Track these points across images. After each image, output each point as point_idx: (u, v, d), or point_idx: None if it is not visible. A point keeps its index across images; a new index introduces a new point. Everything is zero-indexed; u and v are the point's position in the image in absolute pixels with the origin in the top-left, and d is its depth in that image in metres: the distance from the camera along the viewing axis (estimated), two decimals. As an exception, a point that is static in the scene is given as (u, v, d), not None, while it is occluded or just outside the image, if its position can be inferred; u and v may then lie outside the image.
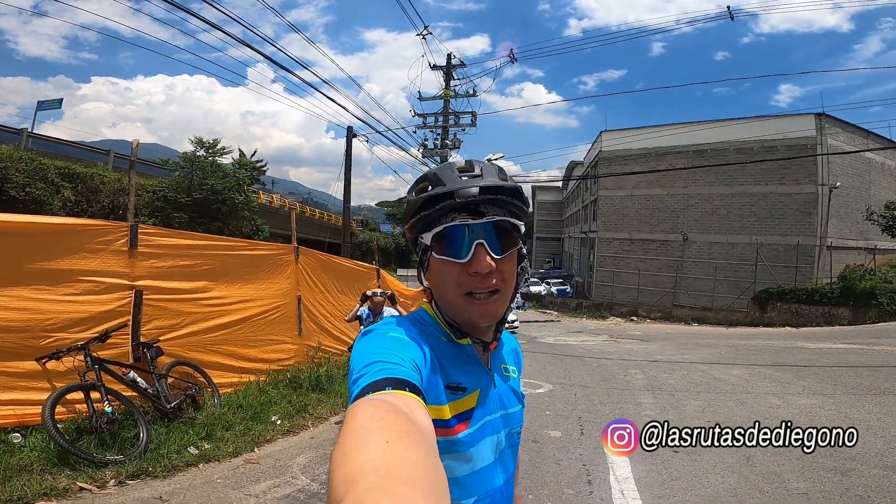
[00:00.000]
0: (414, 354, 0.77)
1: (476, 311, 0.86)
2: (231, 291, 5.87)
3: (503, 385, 0.97)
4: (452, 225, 0.85)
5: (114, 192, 14.15)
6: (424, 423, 0.60)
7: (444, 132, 19.99)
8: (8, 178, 11.39)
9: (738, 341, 17.71)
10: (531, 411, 7.01)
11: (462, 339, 0.90)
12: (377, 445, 0.50)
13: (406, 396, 0.64)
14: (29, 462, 3.51)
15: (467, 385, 0.86)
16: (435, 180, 0.87)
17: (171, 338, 5.04)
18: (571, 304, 30.69)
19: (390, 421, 0.54)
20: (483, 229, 0.85)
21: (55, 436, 3.57)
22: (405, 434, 0.53)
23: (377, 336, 0.80)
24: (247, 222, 19.66)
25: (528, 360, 12.65)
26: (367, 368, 0.70)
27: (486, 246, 0.84)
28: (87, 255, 4.31)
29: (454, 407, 0.83)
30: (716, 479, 4.42)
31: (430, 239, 0.87)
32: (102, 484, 3.55)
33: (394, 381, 0.67)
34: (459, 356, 0.90)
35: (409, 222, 0.91)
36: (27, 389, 4.01)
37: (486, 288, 0.85)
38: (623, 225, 30.32)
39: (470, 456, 0.84)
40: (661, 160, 27.97)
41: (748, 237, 25.28)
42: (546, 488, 4.18)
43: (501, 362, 1.01)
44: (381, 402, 0.59)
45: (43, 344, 4.07)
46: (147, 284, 4.78)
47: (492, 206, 0.87)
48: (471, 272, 0.84)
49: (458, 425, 0.83)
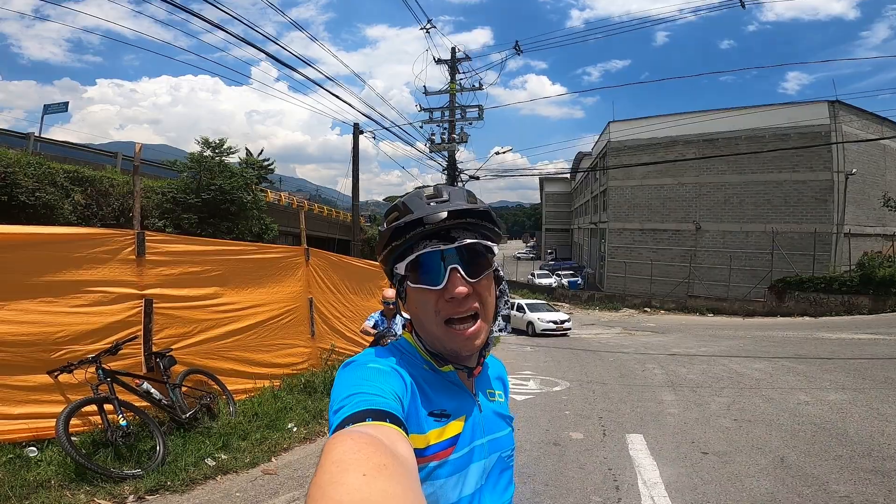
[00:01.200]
0: (395, 385, 0.77)
1: (458, 342, 0.85)
2: (242, 296, 5.75)
3: (489, 409, 0.96)
4: (425, 252, 0.84)
5: (123, 195, 14.12)
6: (405, 455, 0.60)
7: (451, 126, 19.75)
8: (17, 183, 11.35)
9: (757, 332, 17.42)
10: (550, 411, 6.86)
11: (444, 366, 0.90)
12: (354, 479, 0.49)
13: (387, 428, 0.64)
14: (46, 477, 3.43)
15: (451, 411, 0.86)
16: (404, 209, 0.87)
17: (183, 346, 4.94)
18: (583, 296, 30.46)
19: (368, 453, 0.53)
20: (455, 254, 0.85)
21: (70, 451, 3.49)
22: (383, 467, 0.52)
23: (358, 367, 0.80)
24: (256, 221, 19.60)
25: (542, 356, 12.56)
26: (347, 400, 0.70)
27: (461, 270, 0.84)
28: (95, 265, 4.20)
29: (438, 433, 0.82)
30: (750, 483, 4.25)
31: (405, 268, 0.87)
32: (121, 500, 3.47)
33: (374, 413, 0.66)
34: (442, 383, 0.89)
35: (381, 254, 0.91)
36: (40, 403, 3.94)
37: (465, 312, 0.85)
38: (633, 215, 29.98)
39: (457, 482, 0.83)
40: (671, 150, 27.59)
41: (763, 225, 24.88)
42: (572, 496, 4.03)
43: (487, 387, 1.00)
44: (359, 435, 0.58)
45: (54, 357, 3.99)
46: (157, 293, 4.68)
47: (462, 231, 0.86)
48: (447, 298, 0.84)
49: (442, 451, 0.82)
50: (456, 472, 0.83)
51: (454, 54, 20.08)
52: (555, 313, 18.91)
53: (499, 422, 0.97)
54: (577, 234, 52.66)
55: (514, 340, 16.23)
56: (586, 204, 43.67)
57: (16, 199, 11.59)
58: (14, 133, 16.72)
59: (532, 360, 11.72)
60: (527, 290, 35.40)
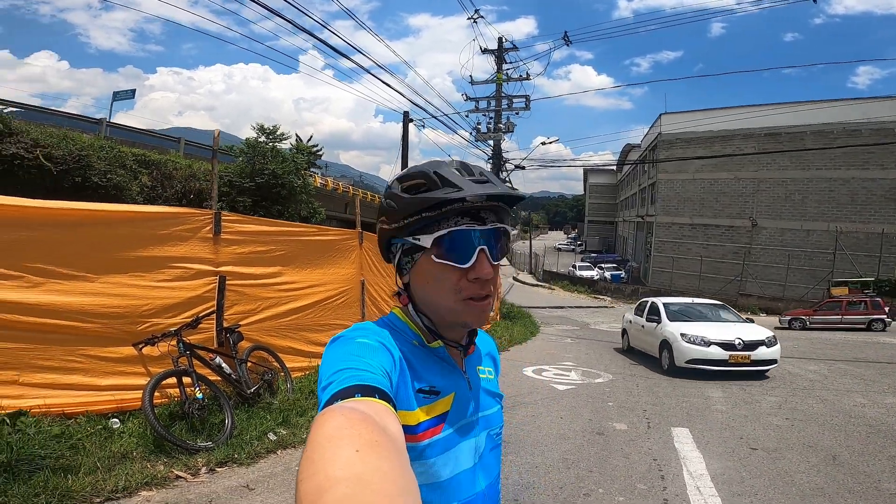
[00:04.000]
0: (383, 360, 0.75)
1: (472, 315, 0.85)
2: (301, 276, 6.05)
3: (479, 386, 0.96)
4: (458, 230, 0.83)
5: (185, 178, 14.88)
6: (395, 432, 0.59)
7: (497, 116, 19.68)
8: (90, 165, 12.09)
9: (813, 334, 16.68)
10: (593, 402, 6.91)
11: (433, 342, 0.89)
12: (347, 454, 0.48)
13: (376, 404, 0.63)
14: (129, 448, 3.61)
15: (441, 388, 0.85)
16: (437, 180, 0.84)
17: (248, 322, 5.20)
18: (626, 289, 29.84)
19: (360, 430, 0.53)
20: (485, 235, 0.85)
21: (153, 423, 3.67)
22: (375, 443, 0.51)
23: (346, 342, 0.78)
24: (304, 205, 20.26)
25: (583, 347, 12.51)
26: (336, 375, 0.69)
27: (488, 252, 0.85)
28: (178, 242, 4.48)
29: (428, 410, 0.82)
30: (800, 478, 4.22)
31: (431, 242, 0.84)
32: (195, 471, 3.63)
33: (363, 388, 0.65)
34: (432, 359, 0.88)
35: (402, 221, 0.86)
36: (125, 375, 4.16)
37: (485, 293, 0.85)
38: (684, 209, 29.04)
39: (447, 460, 0.82)
40: (728, 143, 26.48)
41: (825, 224, 23.63)
42: (616, 483, 4.11)
43: (477, 363, 1.00)
44: (350, 411, 0.58)
45: (139, 329, 4.23)
46: (229, 270, 4.94)
47: (490, 213, 0.88)
48: (471, 278, 0.83)
49: (432, 429, 0.81)
50: (446, 449, 0.82)
51: (501, 44, 19.91)
52: (734, 327, 9.37)
53: (488, 399, 0.97)
54: (621, 227, 51.43)
55: (554, 331, 16.19)
56: (633, 196, 42.54)
57: (89, 181, 12.39)
58: (87, 118, 17.83)
59: (573, 352, 11.70)
60: (567, 282, 35.02)
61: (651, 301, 11.18)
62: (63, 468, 3.03)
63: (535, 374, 8.73)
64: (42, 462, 2.97)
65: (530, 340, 13.40)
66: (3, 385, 3.42)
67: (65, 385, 3.75)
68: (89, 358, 3.92)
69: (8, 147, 10.46)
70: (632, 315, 11.94)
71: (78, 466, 3.12)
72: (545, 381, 8.19)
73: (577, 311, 23.82)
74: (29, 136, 11.01)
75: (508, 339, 12.33)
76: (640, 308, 11.48)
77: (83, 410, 3.80)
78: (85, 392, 3.87)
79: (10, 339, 3.51)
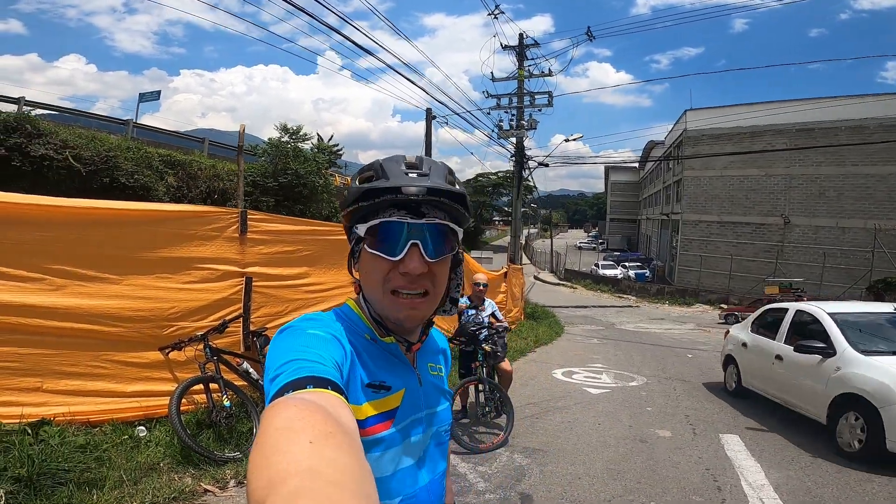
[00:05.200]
0: (334, 352, 0.75)
1: (401, 311, 0.84)
2: (327, 277, 5.87)
3: (430, 384, 0.95)
4: (390, 221, 0.83)
5: (209, 178, 14.98)
6: (349, 423, 0.58)
7: (520, 113, 19.36)
8: (118, 166, 12.23)
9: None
10: (630, 406, 6.61)
11: (386, 337, 0.88)
12: (300, 446, 0.47)
13: (328, 395, 0.62)
14: (156, 460, 3.45)
15: (391, 384, 0.84)
16: (380, 172, 0.84)
17: (275, 325, 5.01)
18: (651, 289, 29.18)
19: (313, 421, 0.52)
20: (421, 230, 0.83)
21: (180, 432, 3.51)
22: (329, 434, 0.50)
23: (296, 332, 0.77)
24: (325, 205, 20.29)
25: (611, 349, 12.14)
26: (286, 367, 0.67)
27: (421, 247, 0.83)
28: (203, 242, 4.31)
29: (376, 406, 0.81)
30: (872, 488, 3.91)
31: (365, 231, 0.85)
32: (224, 484, 3.47)
33: (314, 380, 0.64)
34: (383, 355, 0.87)
35: (346, 210, 0.88)
36: (151, 380, 4.01)
37: (414, 289, 0.83)
38: (711, 207, 28.32)
39: (393, 456, 0.81)
40: (758, 140, 25.72)
41: (862, 221, 22.76)
42: (669, 495, 3.86)
43: (429, 360, 0.99)
44: (301, 402, 0.56)
45: (165, 333, 4.07)
46: (255, 271, 4.76)
47: (433, 208, 0.85)
48: (401, 271, 0.83)
49: (379, 424, 0.80)
50: (394, 445, 0.82)
51: (522, 40, 19.60)
52: None
53: (438, 396, 0.96)
54: (644, 225, 50.53)
55: (579, 331, 15.84)
56: (657, 194, 41.72)
57: (117, 182, 12.52)
58: (115, 120, 18.11)
59: (601, 353, 11.36)
60: (589, 281, 34.46)
61: (799, 309, 6.25)
62: (88, 482, 2.87)
63: (565, 376, 8.45)
64: (66, 476, 2.81)
65: (556, 341, 13.10)
66: (26, 393, 3.29)
67: (90, 392, 3.61)
68: (115, 363, 3.78)
69: (37, 148, 10.57)
70: (747, 333, 7.18)
71: (103, 480, 2.95)
72: (577, 384, 7.90)
73: (602, 311, 23.35)
74: (58, 138, 11.14)
75: (534, 340, 12.05)
76: (770, 322, 6.75)
77: (108, 419, 3.65)
78: (110, 399, 3.72)
79: (33, 344, 3.38)
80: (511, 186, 21.82)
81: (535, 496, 3.77)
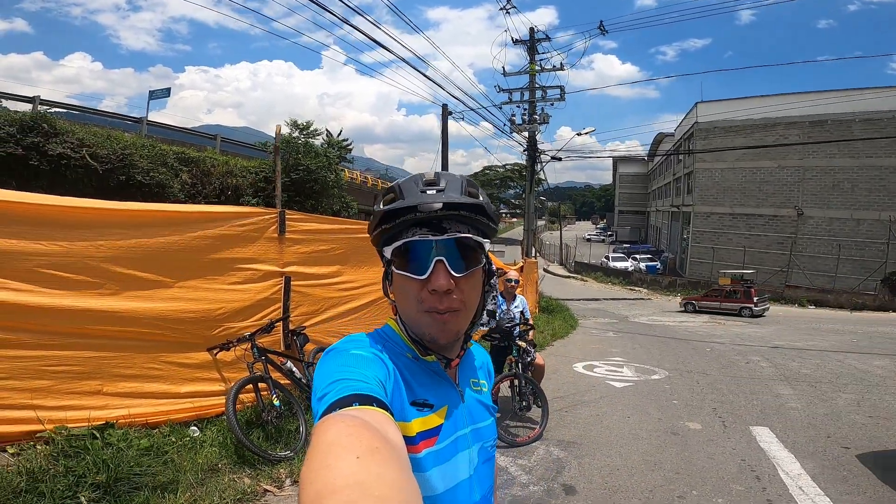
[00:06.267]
0: (378, 372, 0.76)
1: (435, 328, 0.84)
2: (359, 275, 5.94)
3: (473, 400, 0.96)
4: (413, 240, 0.83)
5: (222, 175, 15.05)
6: (395, 439, 0.59)
7: (532, 107, 19.29)
8: (133, 164, 12.28)
9: (868, 328, 15.94)
10: (656, 400, 6.66)
11: (427, 355, 0.89)
12: (348, 461, 0.48)
13: (374, 412, 0.63)
14: (214, 460, 3.46)
15: (434, 402, 0.85)
16: (399, 193, 0.85)
17: (312, 324, 5.09)
18: (663, 281, 29.14)
19: (360, 436, 0.53)
20: (445, 246, 0.83)
21: (237, 432, 3.52)
22: (376, 450, 0.51)
23: (340, 354, 0.79)
24: (337, 199, 20.38)
25: (628, 342, 12.18)
26: (332, 386, 0.69)
27: (447, 263, 0.83)
28: (247, 243, 4.36)
29: (421, 423, 0.82)
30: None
31: (391, 253, 0.86)
32: (280, 484, 3.48)
33: (360, 398, 0.65)
34: (426, 372, 0.88)
35: (372, 234, 0.89)
36: (202, 381, 4.05)
37: (445, 308, 0.83)
38: (723, 199, 28.19)
39: (442, 473, 0.82)
40: (770, 132, 25.54)
41: (877, 213, 22.60)
42: (709, 484, 3.93)
43: (471, 376, 1.00)
44: (349, 418, 0.58)
45: (212, 334, 4.12)
46: (293, 270, 4.81)
47: (455, 222, 0.85)
48: (429, 290, 0.82)
49: (424, 441, 0.81)
50: (440, 462, 0.82)
51: (533, 34, 19.48)
52: None
53: (482, 411, 0.96)
54: (653, 217, 50.29)
55: (593, 324, 15.89)
56: (667, 186, 41.50)
57: (133, 179, 12.61)
58: (129, 118, 18.20)
59: (619, 346, 11.40)
60: (600, 273, 34.42)
61: None
62: (160, 486, 2.92)
63: (586, 370, 8.51)
64: (140, 480, 2.86)
65: (572, 335, 13.15)
66: (88, 396, 3.35)
67: (146, 394, 3.67)
68: (168, 364, 3.83)
69: (55, 147, 10.65)
70: None
71: (175, 483, 2.99)
72: (599, 377, 7.96)
73: (614, 304, 23.37)
74: (74, 136, 11.20)
75: (551, 334, 12.11)
76: None
77: (165, 420, 3.71)
78: (166, 400, 3.78)
79: (93, 347, 3.44)
80: (519, 179, 21.78)
81: (578, 487, 3.85)
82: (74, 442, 2.96)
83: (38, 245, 3.24)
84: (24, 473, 2.63)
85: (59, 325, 3.30)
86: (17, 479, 2.59)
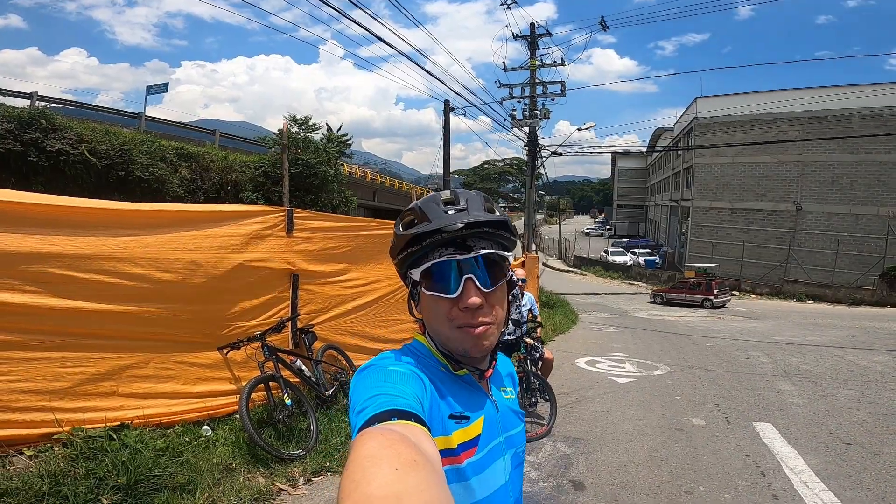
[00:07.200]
0: (415, 387, 0.78)
1: (468, 343, 0.86)
2: (365, 272, 5.96)
3: (505, 408, 0.98)
4: (440, 261, 0.85)
5: (221, 170, 14.98)
6: (431, 452, 0.60)
7: (532, 102, 19.24)
8: (133, 159, 12.21)
9: (866, 323, 16.05)
10: (660, 396, 6.72)
11: (459, 370, 0.91)
12: (386, 473, 0.50)
13: (412, 426, 0.65)
14: (228, 460, 3.47)
15: (470, 413, 0.87)
16: (420, 215, 0.87)
17: (319, 322, 5.11)
18: (662, 276, 29.25)
19: (398, 449, 0.54)
20: (471, 263, 0.86)
21: (251, 432, 3.53)
22: (414, 462, 0.52)
23: (376, 370, 0.81)
24: (336, 194, 20.33)
25: (628, 336, 12.25)
26: (370, 401, 0.71)
27: (476, 280, 0.85)
28: (256, 242, 4.36)
29: (461, 435, 0.84)
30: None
31: (419, 275, 0.88)
32: (294, 483, 3.48)
33: (398, 412, 0.67)
34: (460, 385, 0.90)
35: (396, 258, 0.91)
36: (213, 380, 4.07)
37: (479, 322, 0.85)
38: (723, 193, 28.25)
39: (482, 481, 0.84)
40: (770, 127, 25.55)
41: (875, 208, 22.70)
42: (715, 480, 3.98)
43: (500, 384, 1.03)
44: (388, 432, 0.59)
45: (223, 333, 4.14)
46: (301, 269, 4.82)
47: (478, 240, 0.87)
48: (461, 307, 0.84)
49: (464, 452, 0.83)
50: (480, 471, 0.84)
51: (533, 29, 19.39)
52: None
53: (513, 418, 0.99)
54: (652, 211, 50.37)
55: (594, 319, 15.96)
56: (666, 180, 41.55)
57: (132, 175, 12.52)
58: (128, 113, 18.09)
59: (620, 342, 11.47)
60: (599, 268, 34.50)
61: None
62: (179, 487, 2.93)
63: (588, 366, 8.57)
64: (158, 481, 2.87)
65: (572, 329, 13.22)
66: (104, 397, 3.36)
67: (160, 394, 3.69)
68: (181, 364, 3.84)
69: (53, 143, 10.56)
70: None
71: (193, 484, 3.00)
72: (602, 373, 8.02)
73: (613, 298, 23.45)
74: (73, 132, 11.11)
75: (552, 329, 12.14)
76: None
77: (179, 420, 3.73)
78: (179, 400, 3.79)
79: (107, 349, 3.45)
80: (518, 173, 21.78)
81: (586, 483, 3.90)
82: (92, 443, 2.97)
83: (51, 246, 3.24)
84: (46, 476, 2.64)
85: (73, 326, 3.31)
86: (39, 482, 2.59)
